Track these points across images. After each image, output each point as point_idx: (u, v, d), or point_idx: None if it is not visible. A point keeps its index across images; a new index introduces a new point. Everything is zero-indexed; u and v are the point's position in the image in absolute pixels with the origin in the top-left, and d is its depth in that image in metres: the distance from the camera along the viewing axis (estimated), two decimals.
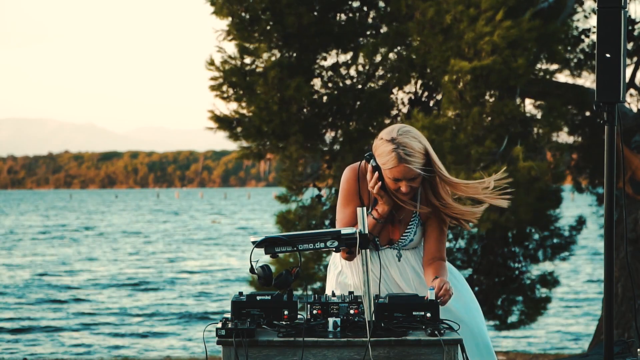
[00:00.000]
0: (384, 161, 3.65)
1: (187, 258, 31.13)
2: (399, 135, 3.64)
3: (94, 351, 14.00)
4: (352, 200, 3.80)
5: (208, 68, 8.15)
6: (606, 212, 3.83)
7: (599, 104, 3.79)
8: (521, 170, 7.39)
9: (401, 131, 3.66)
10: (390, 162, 3.63)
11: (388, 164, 3.64)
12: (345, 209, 3.81)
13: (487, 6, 7.36)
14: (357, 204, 3.76)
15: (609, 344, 3.79)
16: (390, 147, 3.63)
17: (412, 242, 3.82)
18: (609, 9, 3.73)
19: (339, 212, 3.83)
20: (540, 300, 9.55)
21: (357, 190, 3.80)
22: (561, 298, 19.20)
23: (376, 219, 3.76)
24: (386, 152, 3.64)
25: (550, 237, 9.56)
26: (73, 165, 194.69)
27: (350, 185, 3.81)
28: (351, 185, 3.80)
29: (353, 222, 3.76)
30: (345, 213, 3.80)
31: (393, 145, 3.62)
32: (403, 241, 3.82)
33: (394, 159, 3.62)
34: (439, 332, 3.23)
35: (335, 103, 8.37)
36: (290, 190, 8.85)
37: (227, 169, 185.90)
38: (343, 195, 3.82)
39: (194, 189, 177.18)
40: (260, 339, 3.23)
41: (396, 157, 3.61)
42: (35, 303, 19.51)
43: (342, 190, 3.83)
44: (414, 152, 3.62)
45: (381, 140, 3.68)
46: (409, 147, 3.62)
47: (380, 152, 3.67)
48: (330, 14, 8.56)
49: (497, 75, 7.38)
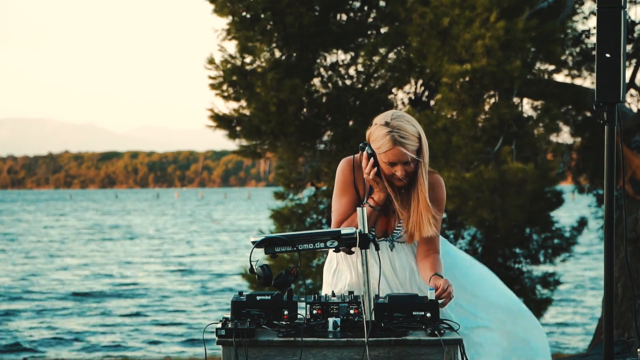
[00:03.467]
0: (379, 145, 3.68)
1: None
2: (393, 119, 3.68)
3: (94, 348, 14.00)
4: (347, 190, 3.83)
5: (207, 67, 8.14)
6: (606, 212, 3.83)
7: (599, 104, 3.79)
8: (510, 171, 7.39)
9: (395, 115, 3.70)
10: (385, 146, 3.66)
11: (383, 147, 3.67)
12: (341, 199, 3.83)
13: (482, 8, 7.36)
14: (353, 194, 3.81)
15: (609, 344, 3.78)
16: (384, 131, 3.66)
17: (406, 233, 3.82)
18: (608, 9, 3.73)
19: (335, 203, 3.86)
20: (540, 301, 9.55)
21: (353, 180, 3.82)
22: (561, 298, 19.20)
23: (372, 207, 3.77)
24: (381, 136, 3.67)
25: (551, 237, 9.55)
26: (73, 165, 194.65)
27: (345, 175, 3.83)
28: (346, 176, 3.83)
29: (349, 212, 3.79)
30: (341, 203, 3.83)
31: (388, 129, 3.66)
32: (397, 232, 3.83)
33: (389, 142, 3.64)
34: (439, 332, 3.23)
35: (335, 103, 8.37)
36: (288, 188, 8.88)
37: (227, 169, 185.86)
38: (339, 186, 3.85)
39: (194, 189, 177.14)
40: (260, 339, 3.23)
41: (391, 139, 3.64)
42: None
43: (338, 180, 3.86)
44: (408, 135, 3.66)
45: (375, 125, 3.71)
46: (403, 129, 3.65)
47: (375, 137, 3.70)
48: (331, 14, 8.56)
49: (491, 77, 7.37)
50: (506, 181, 7.29)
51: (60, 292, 21.59)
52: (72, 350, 14.08)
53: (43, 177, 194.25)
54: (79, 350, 14.09)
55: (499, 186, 7.37)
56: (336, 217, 3.83)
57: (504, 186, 7.41)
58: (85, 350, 14.07)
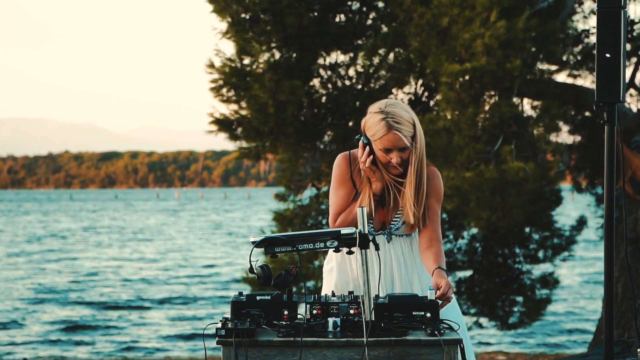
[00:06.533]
0: (374, 132, 3.72)
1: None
2: (387, 106, 3.73)
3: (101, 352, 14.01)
4: (344, 184, 3.86)
5: (208, 71, 8.15)
6: (606, 212, 3.83)
7: (599, 104, 3.79)
8: (511, 171, 7.40)
9: (389, 103, 3.76)
10: (380, 132, 3.70)
11: (378, 133, 3.71)
12: (338, 192, 3.87)
13: (481, 8, 7.36)
14: (350, 187, 3.85)
15: (609, 344, 3.79)
16: (379, 117, 3.71)
17: (404, 225, 3.84)
18: (608, 9, 3.74)
19: (332, 196, 3.89)
20: (540, 301, 9.56)
21: (349, 174, 3.86)
22: (561, 298, 19.20)
23: (370, 199, 3.79)
24: (376, 122, 3.72)
25: (551, 237, 9.56)
26: (73, 165, 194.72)
27: (342, 169, 3.87)
28: (343, 169, 3.87)
29: (346, 205, 3.83)
30: (338, 196, 3.86)
31: (382, 115, 3.70)
32: (395, 224, 3.84)
33: (384, 127, 3.69)
34: (439, 332, 3.23)
35: (334, 103, 8.37)
36: (289, 189, 8.89)
37: (227, 169, 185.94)
38: (335, 180, 3.89)
39: (194, 189, 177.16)
40: (260, 339, 3.23)
41: (385, 125, 3.69)
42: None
43: (334, 174, 3.90)
44: (403, 120, 3.70)
45: (370, 113, 3.76)
46: (398, 115, 3.70)
47: (370, 125, 3.75)
48: (330, 15, 8.56)
49: (491, 76, 7.38)
50: (506, 181, 7.29)
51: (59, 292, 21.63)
52: (73, 350, 14.08)
53: (43, 177, 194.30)
54: (80, 351, 14.10)
55: (500, 186, 7.38)
56: (333, 209, 3.88)
57: (505, 186, 7.41)
58: (86, 350, 14.08)
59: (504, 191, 7.38)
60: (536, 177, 7.51)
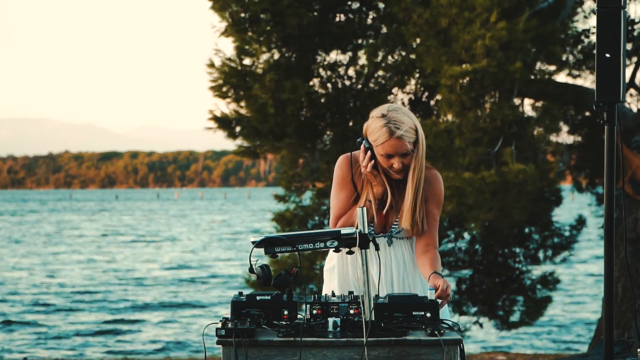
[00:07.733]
0: (376, 137, 3.71)
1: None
2: (389, 111, 3.72)
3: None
4: (345, 186, 3.85)
5: (208, 71, 8.14)
6: (606, 212, 3.83)
7: (598, 104, 3.79)
8: (511, 173, 7.39)
9: (391, 108, 3.74)
10: (382, 137, 3.69)
11: (380, 139, 3.70)
12: (339, 194, 3.86)
13: (481, 9, 7.35)
14: (351, 189, 3.84)
15: (609, 344, 3.79)
16: (381, 123, 3.70)
17: (404, 229, 3.83)
18: (608, 9, 3.73)
19: (333, 198, 3.88)
20: (540, 300, 9.56)
21: (350, 176, 3.85)
22: (562, 298, 19.20)
23: (370, 201, 3.79)
24: (378, 128, 3.71)
25: (551, 237, 9.56)
26: (73, 165, 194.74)
27: (343, 171, 3.86)
28: (344, 171, 3.86)
29: (347, 207, 3.82)
30: (339, 198, 3.86)
31: (384, 120, 3.69)
32: (395, 227, 3.84)
33: (386, 133, 3.68)
34: (439, 332, 3.23)
35: (334, 103, 8.37)
36: (289, 190, 8.88)
37: (227, 169, 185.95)
38: (336, 182, 3.88)
39: (194, 189, 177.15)
40: (260, 339, 3.23)
41: (387, 131, 3.68)
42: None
43: (336, 176, 3.89)
44: (405, 126, 3.69)
45: (372, 118, 3.75)
46: (400, 121, 3.69)
47: (372, 130, 3.74)
48: (330, 15, 8.56)
49: (491, 78, 7.37)
50: (507, 182, 7.29)
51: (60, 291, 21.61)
52: (72, 350, 14.08)
53: (43, 177, 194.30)
54: (79, 350, 14.09)
55: (500, 187, 7.37)
56: (334, 212, 3.87)
57: (505, 187, 7.41)
58: (85, 350, 14.08)
59: (505, 192, 7.37)
60: (536, 178, 7.51)
